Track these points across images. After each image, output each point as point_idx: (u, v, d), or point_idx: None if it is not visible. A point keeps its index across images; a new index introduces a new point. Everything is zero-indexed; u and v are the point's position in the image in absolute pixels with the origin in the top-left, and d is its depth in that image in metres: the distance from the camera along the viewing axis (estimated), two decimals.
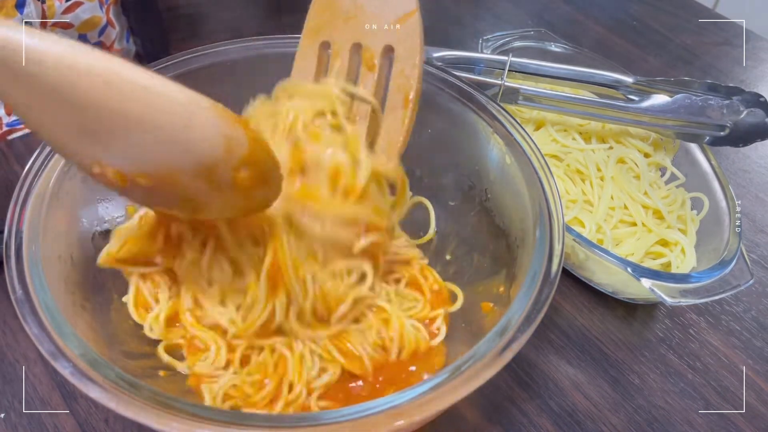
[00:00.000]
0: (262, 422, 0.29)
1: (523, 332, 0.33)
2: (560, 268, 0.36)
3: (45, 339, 0.31)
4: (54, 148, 0.34)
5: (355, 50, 0.41)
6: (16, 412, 0.43)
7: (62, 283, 0.36)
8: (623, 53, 0.84)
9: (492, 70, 0.60)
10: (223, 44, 0.48)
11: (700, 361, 0.50)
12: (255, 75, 0.49)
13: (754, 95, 0.54)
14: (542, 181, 0.40)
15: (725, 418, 0.47)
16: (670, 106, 0.56)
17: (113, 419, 0.43)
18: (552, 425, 0.45)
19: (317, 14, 0.41)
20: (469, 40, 0.82)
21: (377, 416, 0.29)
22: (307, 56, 0.42)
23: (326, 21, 0.41)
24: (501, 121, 0.44)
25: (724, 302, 0.55)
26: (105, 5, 0.70)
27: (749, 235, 0.61)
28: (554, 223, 0.38)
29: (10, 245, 0.34)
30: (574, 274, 0.54)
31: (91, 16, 0.68)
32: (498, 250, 0.45)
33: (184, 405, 0.29)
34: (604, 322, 0.52)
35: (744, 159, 0.70)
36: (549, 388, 0.47)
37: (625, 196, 0.55)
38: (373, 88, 0.41)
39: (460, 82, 0.47)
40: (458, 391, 0.30)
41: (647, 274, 0.45)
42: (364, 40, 0.40)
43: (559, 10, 0.91)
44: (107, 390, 0.29)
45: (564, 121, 0.61)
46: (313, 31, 0.42)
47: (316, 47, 0.42)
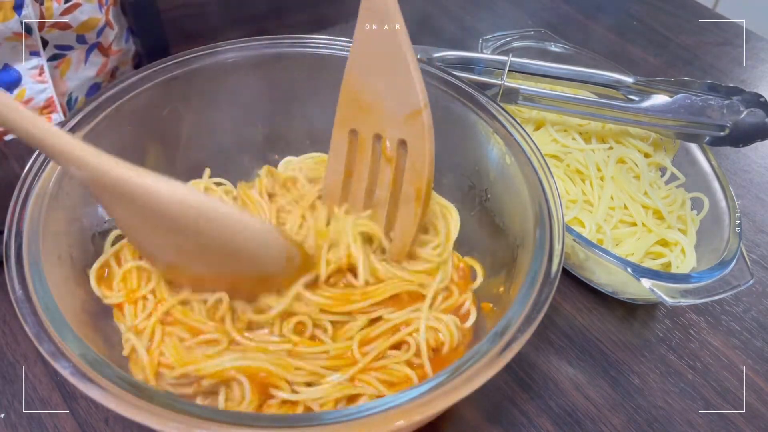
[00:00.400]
0: (262, 422, 0.29)
1: (523, 332, 0.33)
2: (560, 268, 0.36)
3: (45, 339, 0.31)
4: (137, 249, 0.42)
5: (377, 139, 0.45)
6: (16, 412, 0.43)
7: (62, 283, 0.36)
8: (623, 53, 0.84)
9: (492, 70, 0.60)
10: (223, 44, 0.48)
11: (700, 362, 0.50)
12: (255, 75, 0.49)
13: (754, 95, 0.54)
14: (542, 181, 0.40)
15: (725, 418, 0.47)
16: (670, 106, 0.56)
17: (113, 419, 0.43)
18: (552, 425, 0.45)
19: (344, 107, 0.45)
20: (469, 40, 0.82)
21: (377, 416, 0.29)
22: (339, 143, 0.46)
23: (353, 113, 0.45)
24: (501, 121, 0.44)
25: (724, 302, 0.55)
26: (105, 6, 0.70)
27: (749, 235, 0.61)
28: (554, 223, 0.38)
29: (10, 245, 0.34)
30: (574, 274, 0.54)
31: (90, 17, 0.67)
32: (498, 250, 0.45)
33: (184, 405, 0.29)
34: (604, 323, 0.52)
35: (744, 159, 0.70)
36: (549, 388, 0.47)
37: (625, 196, 0.55)
38: (391, 177, 0.45)
39: (460, 82, 0.47)
40: (458, 391, 0.30)
41: (647, 274, 0.45)
42: (383, 132, 0.44)
43: (559, 10, 0.91)
44: (107, 390, 0.29)
45: (564, 121, 0.61)
46: (342, 122, 0.46)
47: (347, 134, 0.46)
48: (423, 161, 0.42)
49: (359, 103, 0.44)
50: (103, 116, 0.42)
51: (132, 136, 0.45)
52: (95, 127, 0.41)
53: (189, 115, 0.49)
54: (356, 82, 0.44)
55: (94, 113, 0.42)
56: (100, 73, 0.75)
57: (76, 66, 0.71)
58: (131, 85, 0.44)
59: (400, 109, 0.42)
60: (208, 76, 0.48)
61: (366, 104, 0.44)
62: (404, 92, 0.41)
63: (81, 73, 0.73)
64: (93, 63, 0.73)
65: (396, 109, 0.42)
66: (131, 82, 0.44)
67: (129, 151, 0.46)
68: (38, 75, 0.67)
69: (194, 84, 0.47)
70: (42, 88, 0.68)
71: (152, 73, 0.45)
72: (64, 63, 0.70)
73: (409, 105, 0.41)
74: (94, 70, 0.74)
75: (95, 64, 0.74)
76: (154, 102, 0.46)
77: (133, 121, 0.45)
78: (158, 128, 0.47)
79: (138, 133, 0.46)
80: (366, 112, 0.44)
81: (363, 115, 0.44)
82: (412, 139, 0.42)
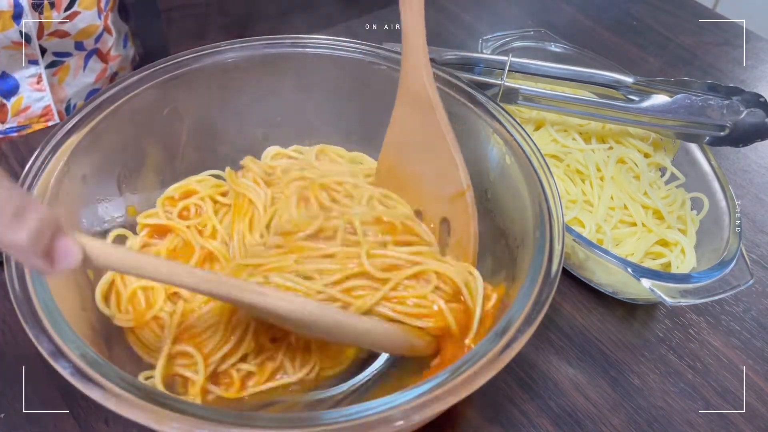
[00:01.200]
0: (262, 422, 0.29)
1: (523, 332, 0.33)
2: (560, 268, 0.36)
3: (45, 339, 0.31)
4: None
5: (418, 215, 0.47)
6: (16, 412, 0.43)
7: (62, 283, 0.36)
8: (623, 53, 0.84)
9: (492, 70, 0.60)
10: (223, 44, 0.48)
11: (700, 362, 0.50)
12: (255, 75, 0.49)
13: (754, 95, 0.54)
14: (542, 181, 0.40)
15: (725, 418, 0.47)
16: (670, 106, 0.56)
17: (113, 419, 0.42)
18: (552, 425, 0.45)
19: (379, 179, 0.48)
20: (469, 40, 0.82)
21: (377, 416, 0.29)
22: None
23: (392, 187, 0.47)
24: (501, 121, 0.44)
25: (724, 302, 0.55)
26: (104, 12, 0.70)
27: (749, 235, 0.61)
28: (554, 223, 0.38)
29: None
30: (574, 274, 0.54)
31: (88, 25, 0.67)
32: (498, 250, 0.45)
33: (184, 405, 0.29)
34: (604, 322, 0.52)
35: (744, 159, 0.70)
36: (549, 388, 0.47)
37: (625, 196, 0.55)
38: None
39: (460, 82, 0.47)
40: (458, 391, 0.30)
41: (647, 274, 0.45)
42: (423, 208, 0.46)
43: (559, 10, 0.91)
44: (107, 390, 0.29)
45: (564, 121, 0.61)
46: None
47: None
48: (468, 239, 0.44)
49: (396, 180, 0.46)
50: (102, 116, 0.42)
51: (132, 136, 0.46)
52: (95, 127, 0.41)
53: (189, 115, 0.49)
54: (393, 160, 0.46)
55: (93, 113, 0.42)
56: (99, 79, 0.75)
57: (74, 72, 0.71)
58: (131, 86, 0.44)
59: (442, 189, 0.44)
60: (208, 76, 0.48)
61: (402, 182, 0.46)
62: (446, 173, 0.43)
63: (80, 79, 0.72)
64: (92, 69, 0.73)
65: (437, 189, 0.44)
66: (131, 82, 0.44)
67: (129, 151, 0.46)
68: (36, 83, 0.67)
69: (194, 84, 0.47)
70: (40, 96, 0.68)
71: (152, 73, 0.45)
72: (63, 70, 0.70)
73: (453, 186, 0.43)
74: (93, 76, 0.74)
75: (94, 71, 0.73)
76: (154, 102, 0.46)
77: (133, 121, 0.45)
78: (158, 128, 0.47)
79: (138, 133, 0.46)
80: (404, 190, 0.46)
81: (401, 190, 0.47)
82: (456, 219, 0.44)
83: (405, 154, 0.45)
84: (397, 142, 0.45)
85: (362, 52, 0.49)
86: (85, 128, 0.41)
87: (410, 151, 0.44)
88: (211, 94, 0.49)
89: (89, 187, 0.42)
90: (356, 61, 0.49)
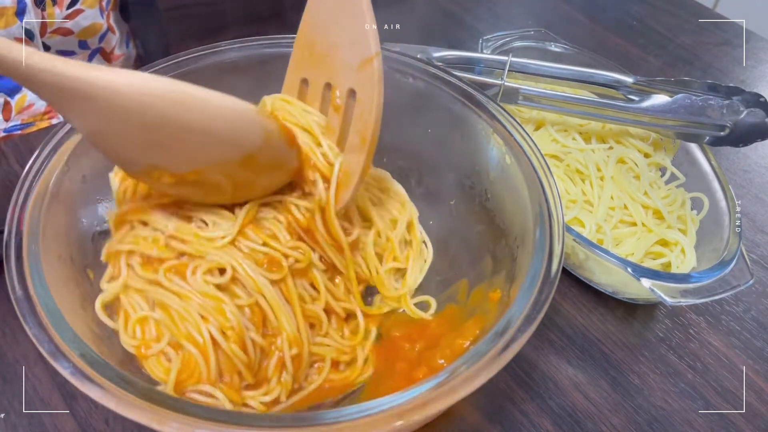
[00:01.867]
0: (262, 422, 0.29)
1: (523, 332, 0.33)
2: (560, 268, 0.36)
3: (45, 339, 0.31)
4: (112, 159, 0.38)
5: (327, 88, 0.44)
6: (16, 412, 0.43)
7: (62, 283, 0.36)
8: (623, 53, 0.84)
9: (492, 70, 0.60)
10: (223, 44, 0.48)
11: (700, 361, 0.50)
12: (255, 75, 0.49)
13: (754, 95, 0.54)
14: (542, 181, 0.40)
15: (725, 418, 0.47)
16: (670, 106, 0.56)
17: (113, 419, 0.43)
18: (552, 425, 0.45)
19: (299, 50, 0.45)
20: (469, 40, 0.82)
21: (377, 416, 0.29)
22: (292, 90, 0.46)
23: (305, 58, 0.45)
24: (501, 121, 0.44)
25: (724, 302, 0.55)
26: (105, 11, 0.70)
27: (749, 235, 0.61)
28: (554, 223, 0.38)
29: (10, 245, 0.34)
30: (574, 274, 0.54)
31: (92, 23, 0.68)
32: (498, 250, 0.45)
33: (184, 405, 0.29)
34: (604, 322, 0.52)
35: (744, 159, 0.70)
36: (549, 388, 0.47)
37: (625, 196, 0.55)
38: (338, 128, 0.44)
39: (460, 82, 0.47)
40: (458, 391, 0.30)
41: (647, 274, 0.45)
42: (333, 80, 0.44)
43: (559, 10, 0.91)
44: (107, 390, 0.29)
45: (564, 121, 0.61)
46: (295, 67, 0.46)
47: (298, 82, 0.46)
48: (371, 109, 0.41)
49: (312, 52, 0.44)
50: None
51: None
52: None
53: None
54: (311, 31, 0.44)
55: None
56: None
57: None
58: None
59: (353, 58, 0.42)
60: (208, 76, 0.47)
61: (319, 54, 0.44)
62: (357, 41, 0.41)
63: None
64: None
65: (349, 59, 0.42)
66: None
67: None
68: None
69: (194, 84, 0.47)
70: None
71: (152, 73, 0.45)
72: None
73: (362, 54, 0.41)
74: None
75: None
76: None
77: None
78: None
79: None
80: (318, 61, 0.44)
81: (315, 64, 0.44)
82: (362, 88, 0.42)
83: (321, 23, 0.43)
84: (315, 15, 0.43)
85: None
86: None
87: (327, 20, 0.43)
88: None
89: (89, 187, 0.42)
90: None
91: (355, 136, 0.43)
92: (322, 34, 0.43)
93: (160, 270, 0.39)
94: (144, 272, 0.40)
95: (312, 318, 0.43)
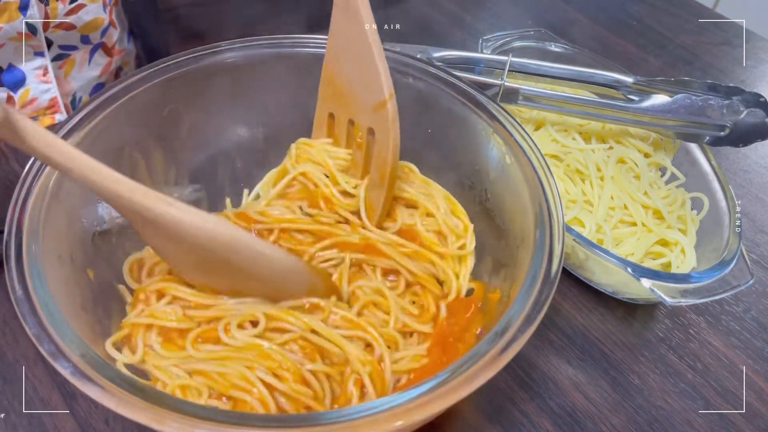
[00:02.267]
0: (262, 422, 0.29)
1: (523, 332, 0.33)
2: (560, 268, 0.36)
3: (45, 339, 0.31)
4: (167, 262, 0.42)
5: (351, 124, 0.47)
6: (16, 412, 0.43)
7: (62, 283, 0.36)
8: (623, 53, 0.84)
9: (492, 70, 0.60)
10: (223, 44, 0.48)
11: (700, 361, 0.50)
12: (255, 75, 0.49)
13: (754, 95, 0.54)
14: (542, 181, 0.40)
15: (725, 418, 0.47)
16: (670, 106, 0.56)
17: (113, 419, 0.43)
18: (552, 425, 0.45)
19: (324, 85, 0.48)
20: (469, 40, 0.82)
21: (377, 416, 0.29)
22: (321, 124, 0.50)
23: (329, 93, 0.47)
24: (501, 121, 0.44)
25: (724, 302, 0.55)
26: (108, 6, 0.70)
27: (749, 235, 0.61)
28: (554, 223, 0.38)
29: (10, 245, 0.34)
30: (574, 274, 0.54)
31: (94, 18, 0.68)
32: (498, 250, 0.45)
33: (184, 405, 0.29)
34: (604, 322, 0.52)
35: (744, 159, 0.70)
36: (549, 388, 0.47)
37: (625, 196, 0.55)
38: (362, 162, 0.47)
39: (460, 82, 0.47)
40: (458, 391, 0.30)
41: (647, 274, 0.45)
42: (354, 117, 0.46)
43: (559, 10, 0.91)
44: (107, 390, 0.29)
45: (564, 121, 0.61)
46: (322, 101, 0.48)
47: (326, 116, 0.49)
48: (387, 150, 0.44)
49: (334, 88, 0.46)
50: (103, 116, 0.42)
51: (132, 136, 0.45)
52: (95, 127, 0.41)
53: (189, 115, 0.49)
54: (332, 68, 0.46)
55: (94, 113, 0.42)
56: (104, 73, 0.75)
57: (80, 66, 0.72)
58: (131, 85, 0.44)
59: (368, 98, 0.44)
60: (208, 76, 0.48)
61: (339, 91, 0.46)
62: (371, 83, 0.43)
63: (85, 73, 0.73)
64: (97, 63, 0.73)
65: (365, 99, 0.44)
66: (131, 82, 0.44)
67: (129, 151, 0.46)
68: (42, 75, 0.67)
69: (194, 84, 0.47)
70: (46, 88, 0.68)
71: (152, 73, 0.45)
72: (68, 63, 0.70)
73: (376, 95, 0.43)
74: (98, 70, 0.74)
75: (99, 64, 0.74)
76: (154, 102, 0.46)
77: (133, 121, 0.45)
78: (158, 128, 0.47)
79: (138, 133, 0.46)
80: (339, 98, 0.46)
81: (337, 100, 0.47)
82: (379, 129, 0.44)
83: (340, 64, 0.45)
84: (334, 52, 0.45)
85: None
86: (85, 128, 0.41)
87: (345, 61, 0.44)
88: (211, 94, 0.49)
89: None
90: None
91: (375, 173, 0.46)
92: (339, 72, 0.45)
93: (187, 344, 0.39)
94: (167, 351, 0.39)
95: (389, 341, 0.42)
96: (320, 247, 0.46)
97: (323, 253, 0.46)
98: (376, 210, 0.47)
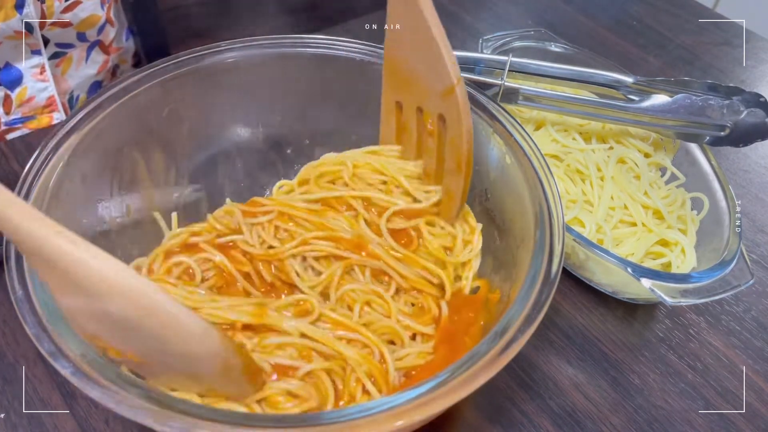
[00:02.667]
0: (262, 422, 0.29)
1: (523, 332, 0.33)
2: (560, 268, 0.36)
3: (45, 339, 0.31)
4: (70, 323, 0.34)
5: (419, 112, 0.46)
6: (16, 412, 0.43)
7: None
8: (623, 53, 0.84)
9: (492, 70, 0.60)
10: (223, 44, 0.48)
11: (700, 361, 0.50)
12: (255, 75, 0.49)
13: (754, 95, 0.54)
14: (542, 181, 0.40)
15: (725, 418, 0.47)
16: (670, 106, 0.55)
17: (113, 419, 0.43)
18: (552, 425, 0.45)
19: (387, 75, 0.47)
20: (469, 40, 0.82)
21: (377, 416, 0.29)
22: (389, 113, 0.48)
23: (393, 82, 0.46)
24: (501, 121, 0.44)
25: (724, 302, 0.55)
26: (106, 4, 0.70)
27: (749, 235, 0.61)
28: (554, 223, 0.38)
29: (10, 245, 0.34)
30: (574, 274, 0.54)
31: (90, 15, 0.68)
32: (498, 250, 0.45)
33: (184, 405, 0.29)
34: (604, 322, 0.52)
35: (744, 159, 0.70)
36: (549, 388, 0.47)
37: (625, 196, 0.55)
38: (435, 149, 0.46)
39: None
40: (458, 391, 0.30)
41: (647, 274, 0.45)
42: (422, 105, 0.45)
43: (559, 10, 0.91)
44: (107, 390, 0.29)
45: (564, 121, 0.61)
46: (387, 90, 0.47)
47: (393, 105, 0.47)
48: (460, 138, 0.43)
49: (397, 77, 0.45)
50: (103, 116, 0.42)
51: (132, 136, 0.45)
52: (95, 127, 0.41)
53: (189, 115, 0.49)
54: (393, 57, 0.45)
55: (94, 113, 0.42)
56: (101, 71, 0.75)
57: (77, 64, 0.72)
58: (131, 85, 0.44)
59: (435, 85, 0.42)
60: (208, 76, 0.48)
61: (403, 79, 0.45)
62: (436, 69, 0.42)
63: (82, 71, 0.73)
64: (94, 61, 0.73)
65: (432, 85, 0.43)
66: (131, 82, 0.44)
67: (129, 151, 0.46)
68: (39, 74, 0.67)
69: (194, 84, 0.47)
70: (43, 86, 0.68)
71: (152, 73, 0.45)
72: (65, 61, 0.70)
73: (443, 82, 0.42)
74: (95, 68, 0.74)
75: (96, 62, 0.74)
76: (154, 102, 0.46)
77: (133, 121, 0.45)
78: (158, 128, 0.47)
79: (138, 133, 0.46)
80: (405, 86, 0.45)
81: (403, 88, 0.46)
82: (449, 115, 0.43)
83: (403, 51, 0.44)
84: (394, 40, 0.44)
85: (362, 52, 0.49)
86: (85, 128, 0.41)
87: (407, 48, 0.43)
88: (212, 94, 0.49)
89: (89, 187, 0.42)
90: (356, 61, 0.49)
91: (451, 161, 0.45)
92: (402, 60, 0.44)
93: None
94: None
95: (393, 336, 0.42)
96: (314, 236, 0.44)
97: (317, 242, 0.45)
98: (456, 199, 0.46)
